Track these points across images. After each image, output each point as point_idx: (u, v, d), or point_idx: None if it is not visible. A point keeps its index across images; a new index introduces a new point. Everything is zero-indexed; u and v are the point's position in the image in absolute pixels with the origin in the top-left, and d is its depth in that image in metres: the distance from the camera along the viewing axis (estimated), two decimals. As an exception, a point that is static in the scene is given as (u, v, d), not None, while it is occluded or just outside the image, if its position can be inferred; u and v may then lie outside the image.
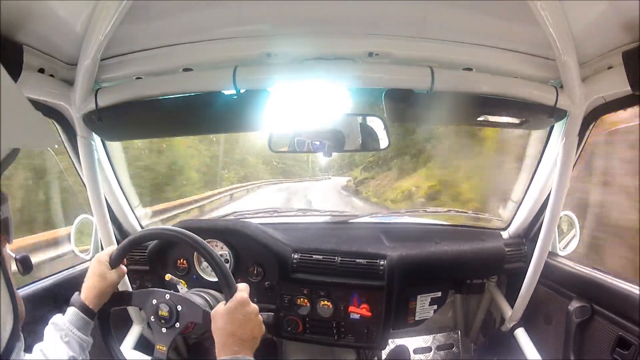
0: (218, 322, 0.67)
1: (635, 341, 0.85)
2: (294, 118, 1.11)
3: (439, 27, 0.85)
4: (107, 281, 0.75)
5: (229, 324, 0.66)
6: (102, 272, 0.75)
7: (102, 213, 1.09)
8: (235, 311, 0.67)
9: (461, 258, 1.21)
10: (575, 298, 1.04)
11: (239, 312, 0.67)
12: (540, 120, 1.00)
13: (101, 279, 0.75)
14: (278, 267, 1.18)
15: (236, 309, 0.67)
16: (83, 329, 0.71)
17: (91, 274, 0.75)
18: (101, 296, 0.74)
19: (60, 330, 0.69)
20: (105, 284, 0.75)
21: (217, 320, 0.67)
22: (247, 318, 0.67)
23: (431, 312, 1.27)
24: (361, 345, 1.22)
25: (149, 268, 1.24)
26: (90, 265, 0.77)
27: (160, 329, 0.75)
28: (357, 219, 1.43)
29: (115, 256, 0.78)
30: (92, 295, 0.73)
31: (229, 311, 0.67)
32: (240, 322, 0.66)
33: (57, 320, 0.71)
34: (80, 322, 0.71)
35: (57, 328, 0.69)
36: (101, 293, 0.74)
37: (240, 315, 0.67)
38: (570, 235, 1.23)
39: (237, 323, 0.66)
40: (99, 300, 0.74)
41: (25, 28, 0.68)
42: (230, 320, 0.66)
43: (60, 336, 0.68)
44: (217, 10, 0.80)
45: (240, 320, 0.66)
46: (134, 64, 0.91)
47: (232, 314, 0.67)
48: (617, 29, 0.72)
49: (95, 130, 1.00)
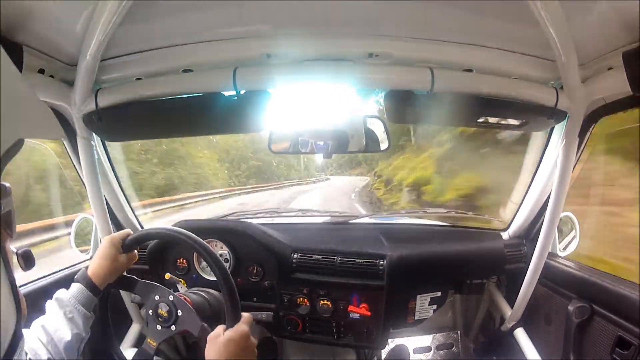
0: (213, 350, 0.64)
1: (634, 341, 0.85)
2: (297, 118, 1.11)
3: (439, 28, 0.85)
4: (117, 264, 0.75)
5: (225, 355, 0.63)
6: (112, 254, 0.75)
7: (102, 213, 1.09)
8: (234, 343, 0.65)
9: (461, 258, 1.22)
10: (574, 298, 1.04)
11: (237, 346, 0.65)
12: (540, 122, 1.00)
13: (111, 260, 0.74)
14: (278, 266, 1.19)
15: (236, 340, 0.65)
16: (87, 306, 0.70)
17: (101, 254, 0.74)
18: (108, 277, 0.73)
19: (64, 307, 0.68)
20: (114, 266, 0.74)
21: (213, 346, 0.65)
22: (244, 353, 0.65)
23: (431, 312, 1.27)
24: (361, 345, 1.22)
25: (149, 267, 1.25)
26: (102, 245, 0.77)
27: (155, 325, 0.75)
28: (356, 219, 1.44)
29: (130, 241, 0.78)
30: (100, 274, 0.72)
31: (228, 342, 0.64)
32: (236, 356, 0.64)
33: (61, 296, 0.69)
34: (85, 298, 0.70)
35: (61, 304, 0.68)
36: (108, 274, 0.73)
37: (238, 348, 0.65)
38: (571, 236, 1.23)
39: (233, 356, 0.64)
40: (104, 280, 0.73)
41: (25, 28, 0.68)
42: (227, 352, 0.64)
43: (64, 312, 0.67)
44: (217, 11, 0.80)
45: (236, 353, 0.64)
46: (134, 65, 0.91)
47: (231, 346, 0.64)
48: (617, 29, 0.72)
49: (95, 131, 1.00)
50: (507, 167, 3.08)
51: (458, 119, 1.10)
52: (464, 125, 1.56)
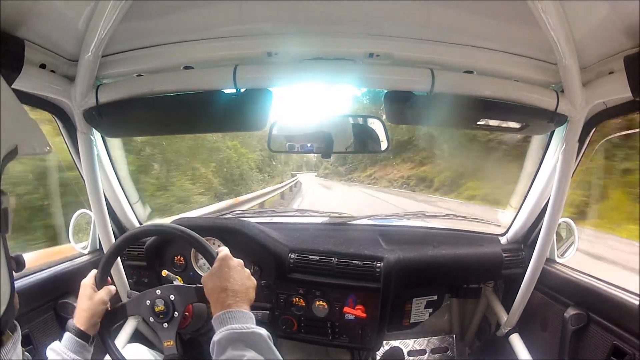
0: (208, 285, 0.68)
1: (630, 350, 0.85)
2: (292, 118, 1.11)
3: (440, 28, 0.85)
4: (95, 302, 0.77)
5: (218, 281, 0.67)
6: (89, 295, 0.77)
7: (101, 208, 1.09)
8: (221, 268, 0.68)
9: (458, 262, 1.21)
10: (571, 305, 1.03)
11: (224, 267, 0.68)
12: (540, 125, 0.99)
13: (89, 301, 0.76)
14: (275, 266, 1.19)
15: (221, 266, 0.69)
16: (79, 352, 0.73)
17: (80, 298, 0.77)
18: (92, 318, 0.75)
19: (57, 355, 0.71)
20: (94, 306, 0.76)
21: (207, 283, 0.68)
22: (233, 270, 0.68)
23: (426, 315, 1.26)
24: (355, 346, 1.22)
25: (147, 264, 1.25)
26: (80, 291, 0.79)
27: (161, 325, 0.76)
28: (355, 220, 1.43)
29: (99, 277, 0.80)
30: (84, 318, 0.75)
31: (215, 270, 0.68)
32: (228, 276, 0.67)
33: (55, 347, 0.73)
34: (75, 345, 0.72)
35: (55, 353, 0.72)
36: (92, 315, 0.75)
37: (226, 269, 0.68)
38: (569, 242, 1.22)
39: (225, 277, 0.67)
40: (91, 322, 0.75)
41: (27, 24, 0.68)
42: (218, 277, 0.67)
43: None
44: (218, 9, 0.80)
45: (227, 274, 0.67)
46: (134, 61, 0.91)
47: (219, 270, 0.68)
48: (619, 33, 0.72)
49: (95, 127, 1.00)
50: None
51: (458, 121, 1.09)
52: (464, 127, 1.55)
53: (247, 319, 0.63)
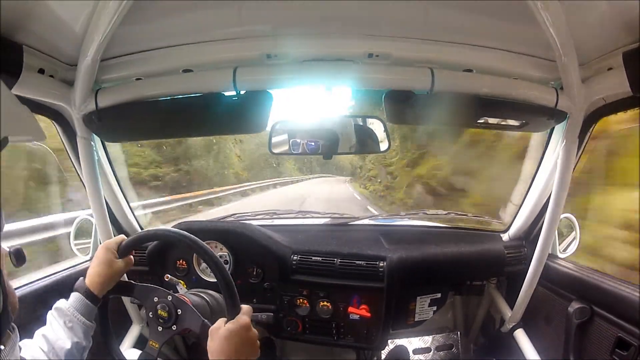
0: (215, 342, 0.64)
1: (634, 342, 0.85)
2: (292, 119, 1.11)
3: (439, 28, 0.85)
4: (113, 269, 0.75)
5: (227, 346, 0.63)
6: (109, 260, 0.75)
7: (102, 213, 1.09)
8: (236, 335, 0.64)
9: (461, 260, 1.21)
10: (575, 300, 1.04)
11: (239, 337, 0.64)
12: (540, 122, 0.99)
13: (108, 266, 0.74)
14: (278, 268, 1.18)
15: (237, 332, 0.65)
16: (87, 315, 0.70)
17: (98, 261, 0.75)
18: (105, 284, 0.73)
19: (64, 316, 0.69)
20: (111, 272, 0.74)
21: (215, 339, 0.65)
22: (246, 343, 0.65)
23: (431, 313, 1.27)
24: (360, 346, 1.22)
25: (149, 268, 1.24)
26: (97, 252, 0.77)
27: (156, 326, 0.75)
28: (356, 221, 1.43)
29: (125, 246, 0.78)
30: (97, 282, 0.72)
31: (229, 334, 0.64)
32: (238, 347, 0.64)
33: (61, 305, 0.70)
34: (84, 307, 0.70)
35: (60, 313, 0.69)
36: (106, 280, 0.73)
37: (239, 339, 0.64)
38: (570, 238, 1.22)
39: (235, 347, 0.63)
40: (103, 287, 0.73)
41: (25, 28, 0.68)
42: (228, 343, 0.63)
43: (64, 322, 0.68)
44: (217, 12, 0.80)
45: (238, 344, 0.64)
46: (133, 65, 0.91)
47: (232, 337, 0.64)
48: (618, 29, 0.72)
49: (95, 131, 1.00)
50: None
51: (458, 120, 1.09)
52: (464, 126, 1.55)
53: None
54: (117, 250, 0.77)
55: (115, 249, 0.77)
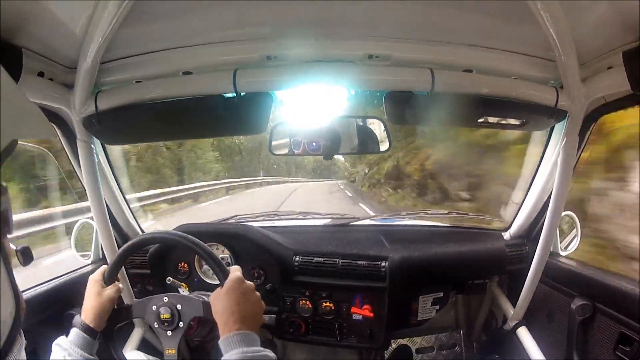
0: (217, 306, 0.67)
1: (637, 338, 0.86)
2: (291, 120, 1.11)
3: (439, 28, 0.85)
4: (104, 299, 0.76)
5: (228, 303, 0.66)
6: (97, 291, 0.76)
7: (103, 217, 1.08)
8: (232, 290, 0.67)
9: (462, 259, 1.22)
10: (577, 296, 1.04)
11: (235, 291, 0.67)
12: (540, 121, 1.00)
13: (98, 297, 0.75)
14: (279, 269, 1.18)
15: (232, 288, 0.67)
16: (86, 349, 0.72)
17: (88, 295, 0.77)
18: (101, 314, 0.75)
19: (64, 351, 0.70)
20: (103, 302, 0.75)
21: (216, 303, 0.68)
22: (244, 295, 0.68)
23: (433, 313, 1.27)
24: (363, 346, 1.22)
25: (150, 272, 1.24)
26: (87, 287, 0.78)
27: (165, 332, 0.76)
28: (357, 221, 1.43)
29: (108, 273, 0.78)
30: (92, 314, 0.74)
31: (226, 291, 0.67)
32: (238, 300, 0.66)
33: (61, 342, 0.72)
34: (82, 341, 0.71)
35: (61, 349, 0.71)
36: (100, 311, 0.75)
37: (237, 293, 0.67)
38: (572, 235, 1.23)
39: (235, 301, 0.66)
40: (99, 318, 0.74)
41: (25, 31, 0.67)
42: (228, 300, 0.66)
43: (63, 356, 0.69)
44: (216, 14, 0.80)
45: (238, 297, 0.66)
46: (133, 68, 0.90)
47: (229, 293, 0.67)
48: (617, 29, 0.72)
49: (95, 134, 0.99)
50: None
51: (458, 120, 1.10)
52: (465, 125, 1.56)
53: (257, 343, 0.63)
54: (102, 279, 0.78)
55: (101, 279, 0.78)
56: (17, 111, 0.43)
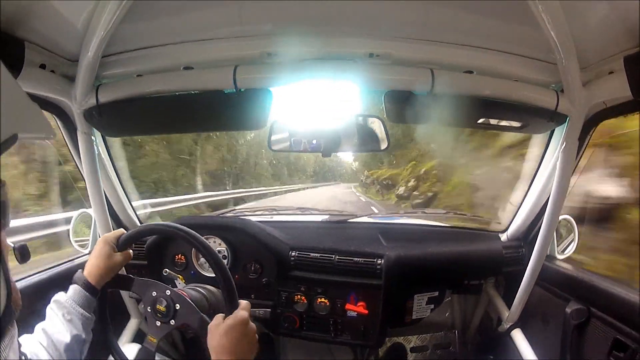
0: (215, 338, 0.65)
1: (631, 344, 0.86)
2: (292, 117, 1.11)
3: (440, 29, 0.85)
4: (112, 262, 0.75)
5: (227, 341, 0.64)
6: (107, 253, 0.75)
7: (102, 208, 1.09)
8: (235, 329, 0.65)
9: (458, 259, 1.22)
10: (572, 300, 1.04)
11: (238, 331, 0.65)
12: (540, 124, 0.99)
13: (106, 259, 0.74)
14: (276, 264, 1.19)
15: (236, 327, 0.65)
16: (86, 307, 0.71)
17: (96, 254, 0.75)
18: (104, 276, 0.74)
19: (62, 308, 0.69)
20: (110, 265, 0.75)
21: (215, 335, 0.65)
22: (245, 336, 0.66)
23: (428, 312, 1.28)
24: (357, 343, 1.23)
25: (147, 263, 1.25)
26: (96, 244, 0.77)
27: (154, 321, 0.75)
28: (355, 218, 1.44)
29: (125, 240, 0.78)
30: (96, 274, 0.73)
31: (229, 329, 0.65)
32: (238, 341, 0.64)
33: (60, 298, 0.70)
34: (82, 299, 0.70)
35: (59, 306, 0.69)
36: (104, 273, 0.74)
37: (238, 334, 0.65)
38: (569, 239, 1.23)
39: (235, 342, 0.64)
40: (101, 279, 0.73)
41: (27, 24, 0.68)
42: (227, 337, 0.64)
43: (62, 314, 0.68)
44: (218, 10, 0.80)
45: (238, 339, 0.65)
46: (134, 62, 0.91)
47: (231, 332, 0.65)
48: (619, 34, 0.72)
49: (95, 126, 1.00)
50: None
51: (458, 120, 1.09)
52: (464, 126, 1.55)
53: None
54: (116, 243, 0.78)
55: (115, 242, 0.77)
56: (16, 106, 0.44)
